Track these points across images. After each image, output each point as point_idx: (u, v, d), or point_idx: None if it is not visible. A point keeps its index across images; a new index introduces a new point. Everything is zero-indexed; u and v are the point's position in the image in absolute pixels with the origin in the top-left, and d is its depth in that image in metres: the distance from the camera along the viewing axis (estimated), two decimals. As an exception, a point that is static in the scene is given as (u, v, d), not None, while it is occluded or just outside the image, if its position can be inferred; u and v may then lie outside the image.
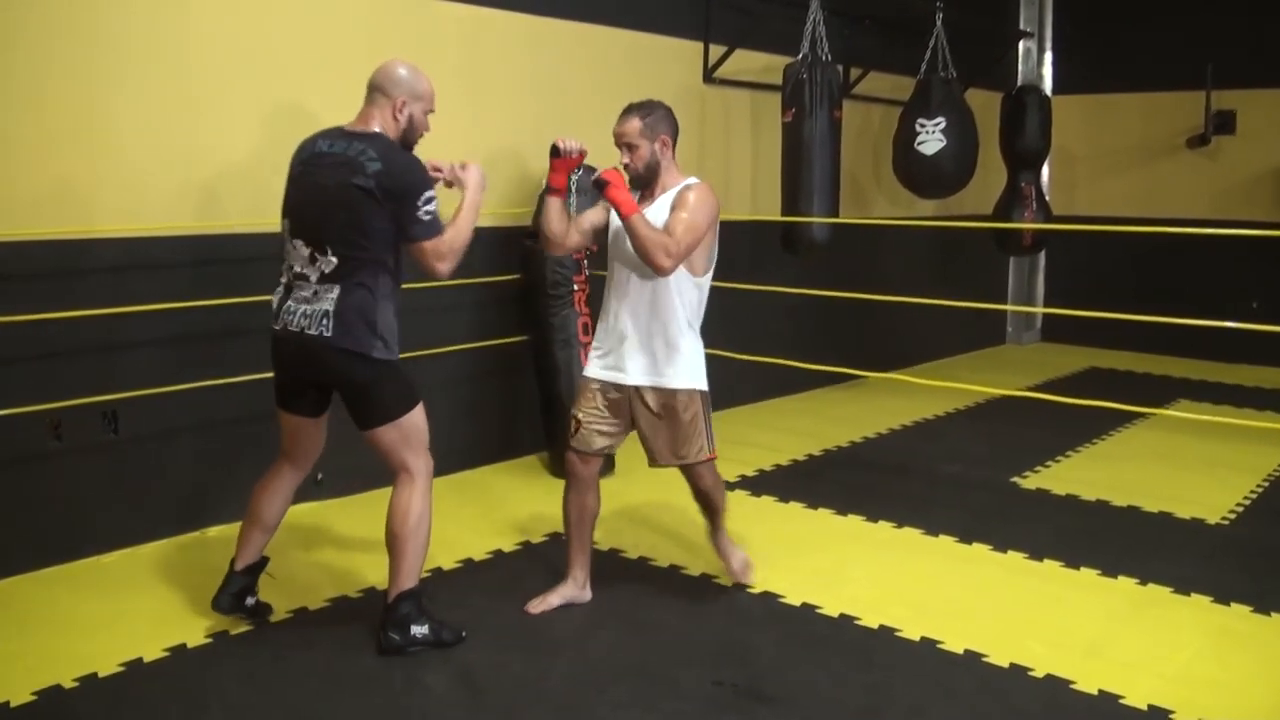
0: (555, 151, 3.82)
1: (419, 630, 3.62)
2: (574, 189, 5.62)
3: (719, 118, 7.02)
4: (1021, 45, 9.87)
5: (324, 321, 3.45)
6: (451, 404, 5.68)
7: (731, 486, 5.55)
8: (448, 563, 4.41)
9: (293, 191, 3.60)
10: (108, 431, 4.47)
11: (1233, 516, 5.22)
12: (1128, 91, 9.74)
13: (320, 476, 5.03)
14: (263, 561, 3.82)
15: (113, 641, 3.68)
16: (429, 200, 3.46)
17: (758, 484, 5.66)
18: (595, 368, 3.93)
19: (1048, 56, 9.96)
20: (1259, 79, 9.01)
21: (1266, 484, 5.76)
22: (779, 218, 6.71)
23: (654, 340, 3.82)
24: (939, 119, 7.23)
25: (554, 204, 3.87)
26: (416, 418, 3.61)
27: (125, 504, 4.55)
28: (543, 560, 4.48)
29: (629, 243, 3.70)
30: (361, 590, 4.13)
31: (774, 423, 7.04)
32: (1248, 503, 5.43)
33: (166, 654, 3.60)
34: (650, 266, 3.67)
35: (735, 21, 6.90)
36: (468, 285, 5.53)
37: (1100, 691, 3.44)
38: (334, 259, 3.45)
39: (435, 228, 3.48)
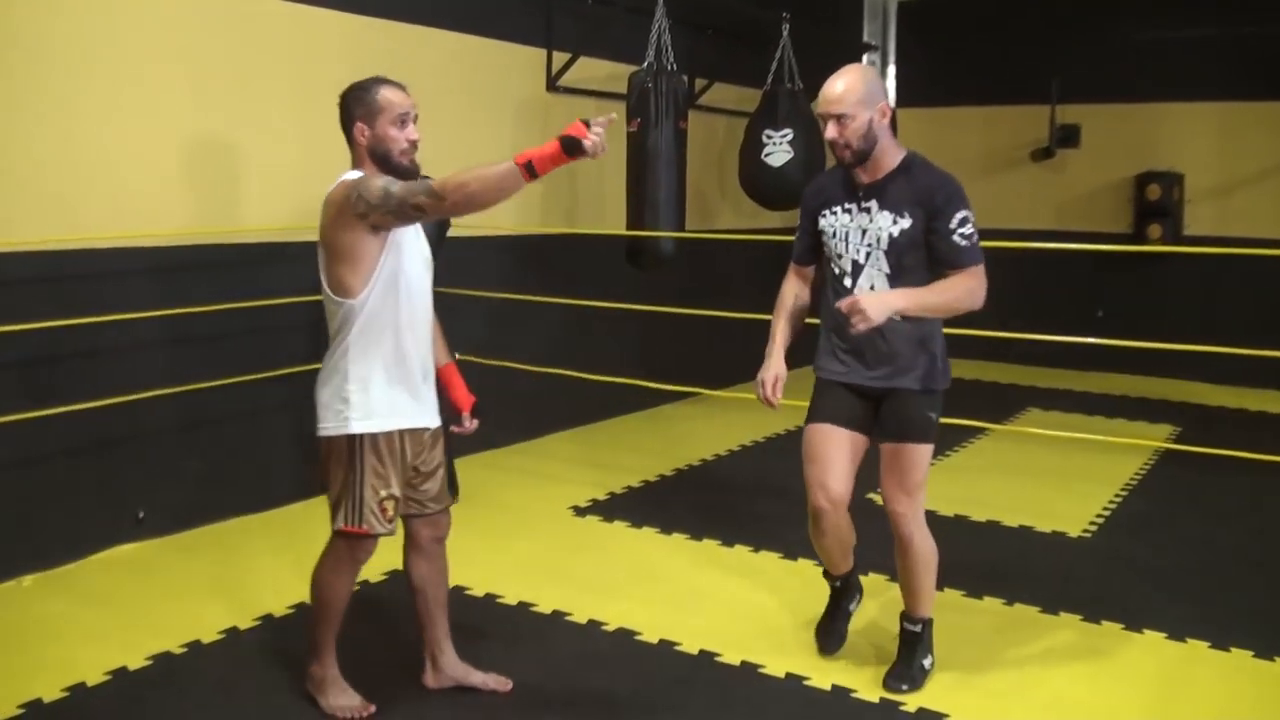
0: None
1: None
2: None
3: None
4: (865, 58, 9.86)
5: None
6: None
7: (582, 512, 5.27)
8: (245, 621, 4.00)
9: None
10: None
11: (1094, 529, 5.14)
12: (971, 105, 9.83)
13: (141, 514, 4.62)
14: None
15: None
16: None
17: (609, 508, 5.37)
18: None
19: (890, 70, 9.97)
20: (1103, 94, 9.16)
21: (1124, 494, 5.72)
22: (624, 232, 6.46)
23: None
24: (786, 130, 7.19)
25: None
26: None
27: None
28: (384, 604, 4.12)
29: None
30: (149, 658, 3.70)
31: (621, 441, 6.80)
32: (1107, 514, 5.37)
33: None
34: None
35: (578, 29, 6.67)
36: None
37: (975, 725, 3.26)
38: None
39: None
